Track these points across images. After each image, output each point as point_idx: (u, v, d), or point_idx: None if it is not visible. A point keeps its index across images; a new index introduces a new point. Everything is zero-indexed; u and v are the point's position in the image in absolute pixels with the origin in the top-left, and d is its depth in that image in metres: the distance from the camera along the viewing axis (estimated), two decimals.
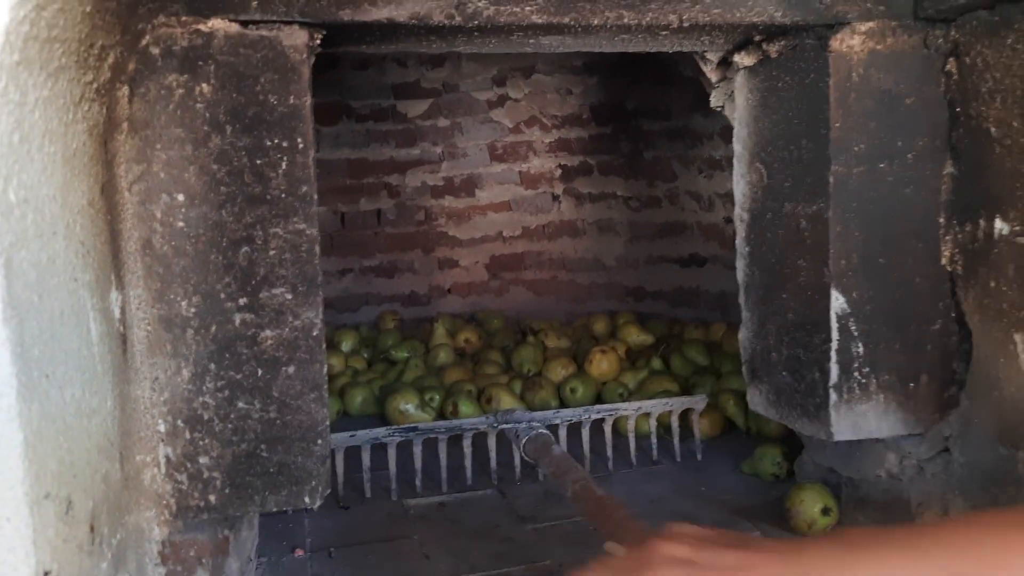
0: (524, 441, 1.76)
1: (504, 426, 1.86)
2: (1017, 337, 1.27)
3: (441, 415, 2.33)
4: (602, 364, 2.47)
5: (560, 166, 3.43)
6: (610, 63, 3.07)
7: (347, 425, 2.34)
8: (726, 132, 1.66)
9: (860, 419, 1.38)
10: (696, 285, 3.15)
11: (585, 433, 1.98)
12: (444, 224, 3.52)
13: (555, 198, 3.49)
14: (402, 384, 2.47)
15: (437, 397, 2.37)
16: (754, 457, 1.86)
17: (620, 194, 3.33)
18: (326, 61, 3.17)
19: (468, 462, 1.92)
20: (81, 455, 0.85)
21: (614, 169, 3.31)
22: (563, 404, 2.40)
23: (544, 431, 1.77)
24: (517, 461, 1.93)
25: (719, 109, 1.72)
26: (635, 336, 2.79)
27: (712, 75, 1.67)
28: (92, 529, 0.87)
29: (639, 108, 3.10)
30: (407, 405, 2.29)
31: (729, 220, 2.79)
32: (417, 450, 1.89)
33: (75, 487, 0.83)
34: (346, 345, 2.91)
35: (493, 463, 1.93)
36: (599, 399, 2.43)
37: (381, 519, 1.76)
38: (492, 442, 1.93)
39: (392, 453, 1.87)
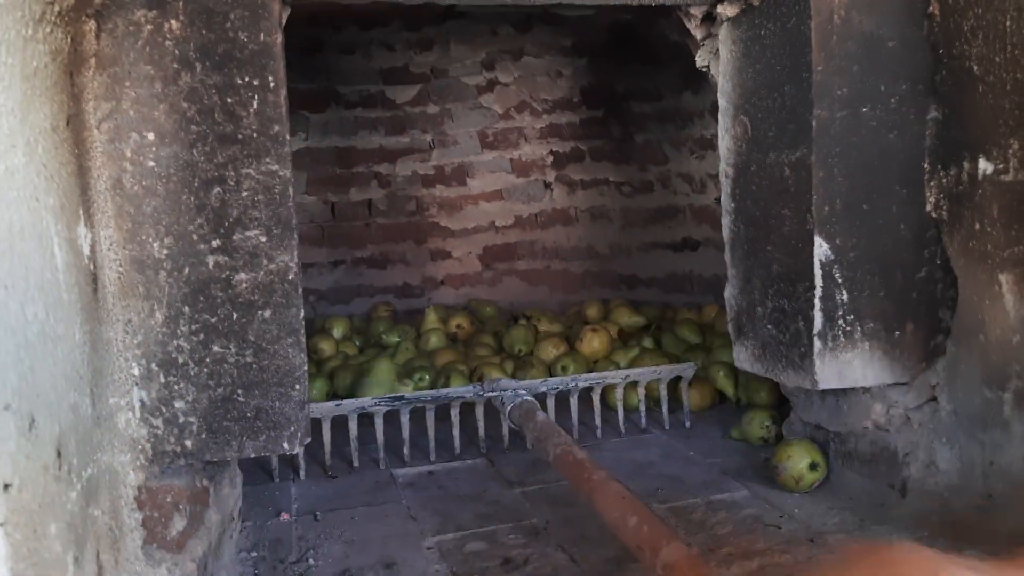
0: (510, 408, 1.74)
1: (490, 394, 1.84)
2: (1002, 278, 1.25)
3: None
4: (593, 342, 2.45)
5: (551, 152, 3.41)
6: (600, 43, 3.06)
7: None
8: (716, 109, 1.65)
9: (845, 367, 1.37)
10: (689, 270, 3.13)
11: (573, 402, 1.96)
12: (436, 214, 3.50)
13: (547, 186, 3.47)
14: (387, 360, 2.45)
15: (427, 377, 2.35)
16: (742, 422, 1.84)
17: (612, 180, 3.31)
18: (311, 45, 3.16)
19: (456, 431, 1.90)
20: (45, 377, 0.83)
21: (606, 154, 3.30)
22: None
23: (529, 398, 1.75)
24: (505, 431, 1.91)
25: (704, 69, 1.71)
26: (627, 318, 2.77)
27: (697, 32, 1.66)
28: (59, 455, 0.85)
29: (629, 90, 3.08)
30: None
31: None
32: (404, 420, 1.87)
33: (38, 406, 0.81)
34: (338, 331, 2.89)
35: (481, 432, 1.92)
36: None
37: (369, 487, 1.74)
38: (480, 411, 1.92)
39: (379, 423, 1.85)
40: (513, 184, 3.49)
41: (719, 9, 1.51)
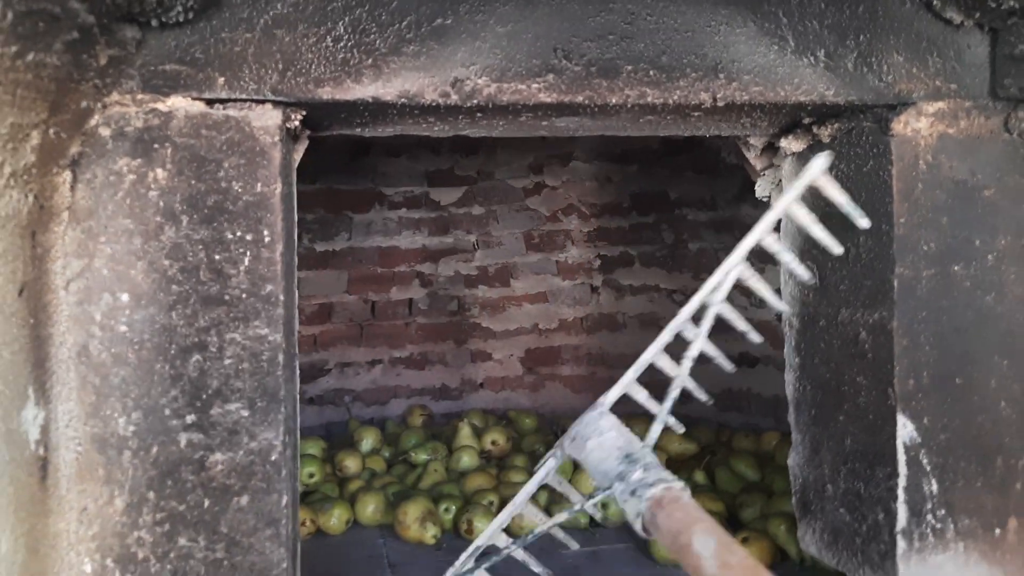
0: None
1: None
2: None
3: (455, 529, 2.12)
4: None
5: (599, 256, 3.27)
6: (651, 150, 2.92)
7: (358, 536, 2.15)
8: (777, 224, 1.48)
9: (935, 572, 1.15)
10: (747, 387, 2.92)
11: None
12: (477, 315, 3.37)
13: (594, 289, 3.32)
14: (415, 491, 2.27)
15: (453, 508, 2.16)
16: None
17: (663, 287, 3.14)
18: (357, 148, 3.11)
19: None
20: None
21: (656, 260, 3.14)
22: (592, 521, 2.17)
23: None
24: None
25: (765, 200, 1.54)
26: (676, 444, 2.55)
27: (756, 162, 1.50)
28: None
29: (682, 197, 2.93)
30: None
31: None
32: None
33: None
34: (366, 444, 2.72)
35: None
36: None
37: None
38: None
39: None
40: (558, 287, 3.35)
41: (783, 143, 1.34)
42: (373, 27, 1.01)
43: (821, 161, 0.92)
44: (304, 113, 1.04)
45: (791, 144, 1.34)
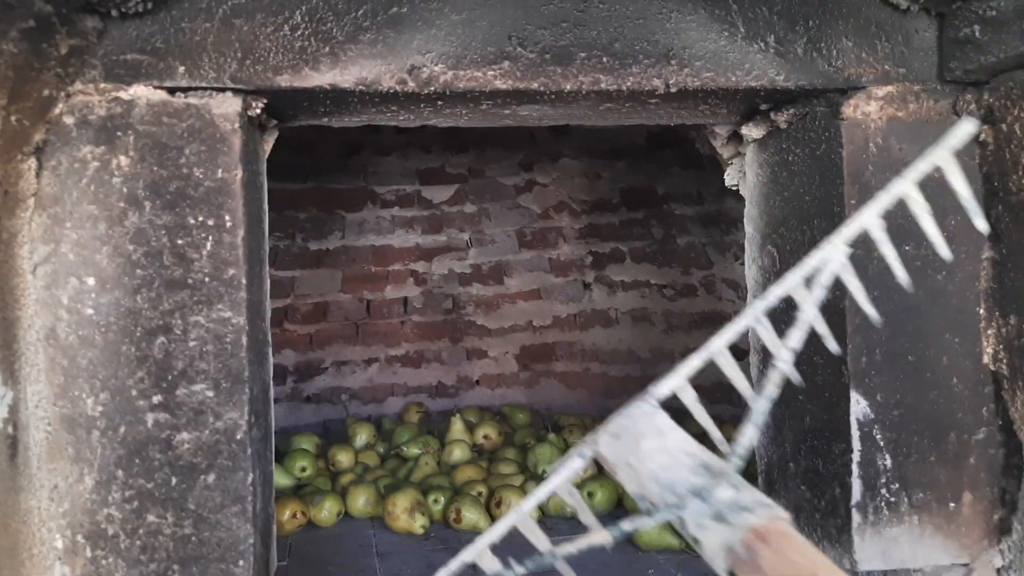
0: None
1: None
2: None
3: (444, 519, 2.15)
4: None
5: (591, 252, 3.29)
6: (638, 145, 2.95)
7: (348, 528, 2.18)
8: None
9: (890, 545, 1.17)
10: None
11: None
12: (472, 313, 3.39)
13: (586, 286, 3.33)
14: (406, 483, 2.30)
15: (442, 499, 2.19)
16: None
17: (654, 282, 3.16)
18: (348, 147, 3.14)
19: None
20: None
21: (647, 256, 3.16)
22: None
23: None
24: None
25: (735, 188, 1.57)
26: None
27: (723, 151, 1.53)
28: None
29: (670, 192, 2.96)
30: None
31: None
32: None
33: None
34: (360, 439, 2.75)
35: None
36: (620, 504, 2.22)
37: None
38: None
39: None
40: (551, 284, 3.37)
41: (743, 130, 1.37)
42: (330, 16, 1.04)
43: (966, 128, 0.78)
44: (265, 101, 1.07)
45: (751, 131, 1.37)
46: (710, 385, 3.07)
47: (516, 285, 3.38)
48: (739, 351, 2.90)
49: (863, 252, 1.17)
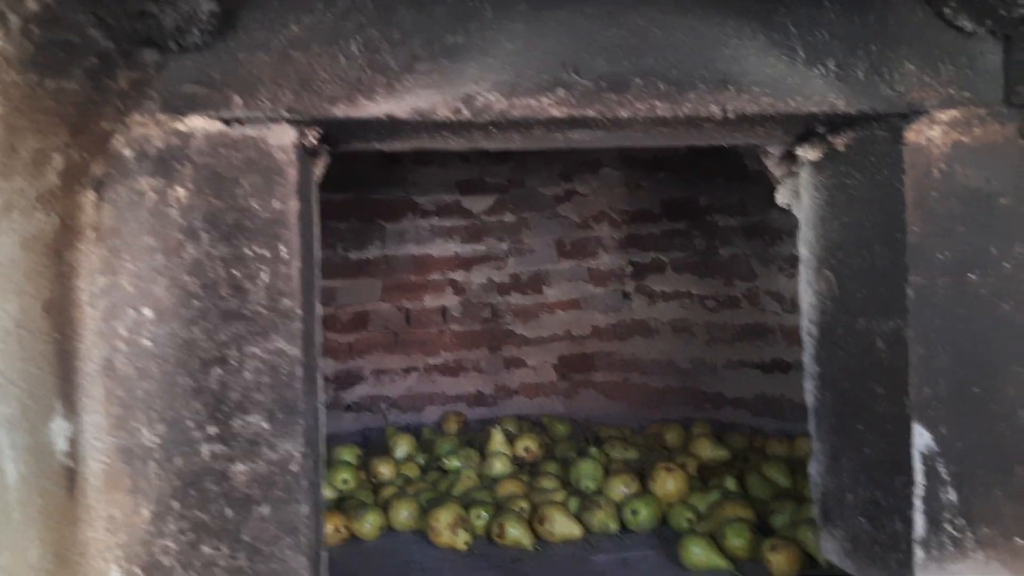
0: None
1: None
2: None
3: (487, 535, 2.14)
4: (667, 484, 2.23)
5: (631, 263, 3.26)
6: (680, 156, 2.91)
7: (391, 542, 2.18)
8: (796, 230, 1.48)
9: None
10: (781, 393, 2.89)
11: None
12: (511, 322, 3.38)
13: (626, 296, 3.31)
14: (448, 497, 2.29)
15: (485, 514, 2.17)
16: None
17: (695, 293, 3.13)
18: (388, 157, 3.14)
19: None
20: None
21: (688, 266, 3.13)
22: (624, 527, 2.17)
23: None
24: None
25: (786, 207, 1.54)
26: (708, 451, 2.54)
27: (775, 170, 1.50)
28: None
29: (713, 203, 2.92)
30: None
31: None
32: None
33: None
34: (400, 451, 2.75)
35: None
36: (664, 522, 2.19)
37: None
38: None
39: None
40: (590, 293, 3.35)
41: (799, 151, 1.34)
42: (385, 46, 1.03)
43: None
44: (319, 131, 1.07)
45: (807, 153, 1.34)
46: (752, 398, 3.03)
47: (555, 295, 3.37)
48: (783, 364, 2.83)
49: (925, 281, 1.14)
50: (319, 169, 1.23)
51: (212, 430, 1.00)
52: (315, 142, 1.07)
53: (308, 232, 1.10)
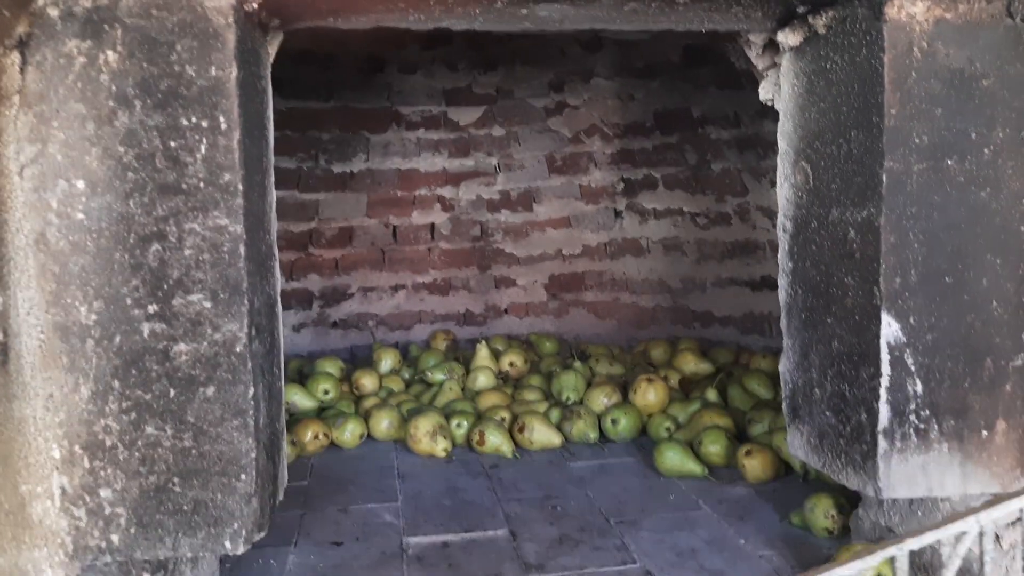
0: None
1: None
2: None
3: (468, 443, 2.14)
4: (648, 394, 2.22)
5: (623, 179, 3.20)
6: (672, 63, 2.83)
7: (370, 450, 2.18)
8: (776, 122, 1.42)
9: (917, 472, 1.12)
10: (768, 311, 2.87)
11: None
12: (500, 240, 3.34)
13: (617, 214, 3.26)
14: (429, 407, 2.28)
15: (465, 423, 2.17)
16: (804, 508, 1.59)
17: (687, 210, 3.08)
18: (372, 64, 3.05)
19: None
20: None
21: (680, 183, 3.07)
22: (604, 436, 2.17)
23: None
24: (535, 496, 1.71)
25: (769, 103, 1.48)
26: (692, 364, 2.52)
27: (758, 61, 1.43)
28: None
29: (705, 115, 2.85)
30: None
31: None
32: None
33: None
34: (385, 364, 2.74)
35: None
36: (644, 432, 2.19)
37: (373, 559, 1.57)
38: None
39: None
40: (581, 211, 3.30)
41: (780, 37, 1.28)
42: None
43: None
44: None
45: (788, 38, 1.28)
46: (740, 316, 3.00)
47: (545, 212, 3.32)
48: (771, 281, 2.79)
49: (901, 167, 1.09)
50: (272, 47, 1.17)
51: (152, 308, 0.97)
52: (258, 8, 1.01)
53: (254, 105, 1.05)
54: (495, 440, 2.10)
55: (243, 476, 1.00)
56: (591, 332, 3.29)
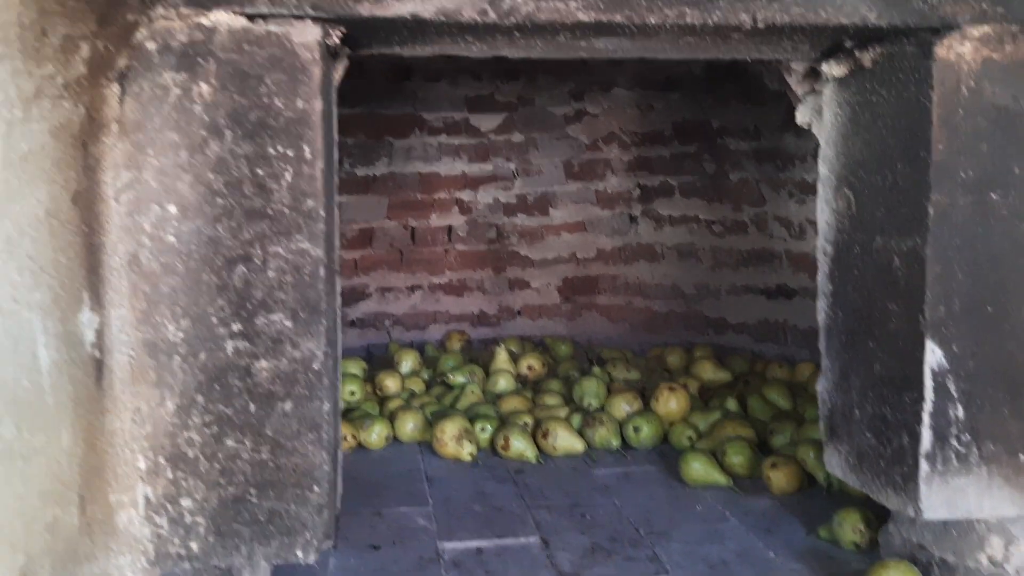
0: None
1: None
2: None
3: (492, 447, 2.19)
4: (670, 403, 2.27)
5: (639, 186, 3.25)
6: (694, 77, 2.88)
7: (397, 452, 2.22)
8: (815, 149, 1.47)
9: (957, 495, 1.17)
10: (783, 319, 2.92)
11: None
12: (516, 243, 3.38)
13: (633, 219, 3.31)
14: (453, 411, 2.33)
15: (489, 427, 2.22)
16: (832, 521, 1.64)
17: (703, 218, 3.12)
18: (397, 72, 3.09)
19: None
20: (8, 504, 0.73)
21: (697, 191, 3.11)
22: (625, 444, 2.22)
23: None
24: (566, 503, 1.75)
25: (806, 127, 1.52)
26: (710, 373, 2.57)
27: (798, 87, 1.48)
28: None
29: (725, 126, 2.89)
30: None
31: None
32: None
33: None
34: (406, 365, 2.79)
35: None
36: (665, 440, 2.24)
37: (412, 563, 1.62)
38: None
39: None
40: (597, 216, 3.34)
41: (824, 67, 1.33)
42: None
43: None
44: (343, 30, 1.05)
45: (833, 69, 1.32)
46: (755, 323, 3.06)
47: (561, 216, 3.36)
48: (787, 290, 2.85)
49: (947, 200, 1.14)
50: (339, 72, 1.21)
51: (236, 327, 1.02)
52: (338, 41, 1.06)
53: (329, 134, 1.10)
54: (520, 445, 2.14)
55: (316, 488, 1.05)
56: (603, 335, 3.33)
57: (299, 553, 1.04)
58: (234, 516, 1.03)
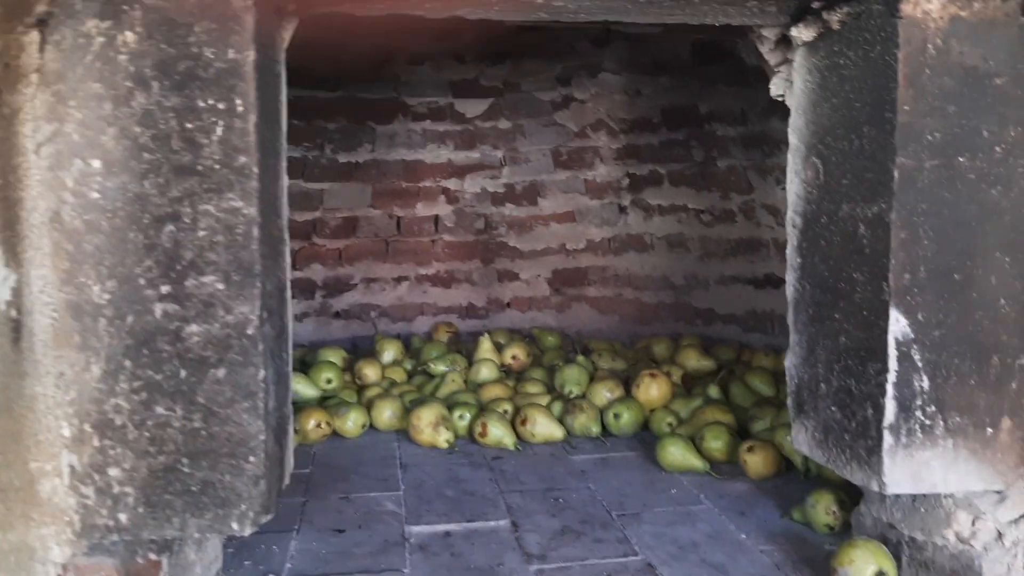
0: None
1: None
2: None
3: (470, 434, 2.15)
4: (650, 389, 2.23)
5: (628, 175, 3.20)
6: (681, 60, 2.83)
7: (373, 440, 2.19)
8: (787, 116, 1.42)
9: (921, 468, 1.12)
10: (771, 308, 2.87)
11: None
12: (504, 234, 3.34)
13: (622, 209, 3.26)
14: (431, 398, 2.29)
15: (468, 415, 2.18)
16: (805, 503, 1.59)
17: (692, 207, 3.08)
18: (379, 54, 3.05)
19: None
20: None
21: (686, 179, 3.07)
22: (606, 431, 2.18)
23: None
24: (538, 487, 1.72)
25: (780, 98, 1.48)
26: (694, 361, 2.53)
27: (771, 57, 1.44)
28: None
29: (713, 111, 2.85)
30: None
31: None
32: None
33: None
34: (387, 355, 2.75)
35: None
36: (646, 427, 2.20)
37: (376, 546, 1.58)
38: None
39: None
40: (586, 206, 3.30)
41: (793, 32, 1.28)
42: None
43: None
44: None
45: (802, 33, 1.28)
46: (743, 314, 3.01)
47: (550, 206, 3.32)
48: (775, 279, 2.79)
49: (913, 163, 1.10)
50: (286, 32, 1.17)
51: (165, 289, 0.97)
52: None
53: (270, 90, 1.06)
54: (497, 432, 2.10)
55: (251, 458, 1.01)
56: (593, 327, 3.29)
57: (235, 525, 1.00)
58: (165, 486, 0.99)
